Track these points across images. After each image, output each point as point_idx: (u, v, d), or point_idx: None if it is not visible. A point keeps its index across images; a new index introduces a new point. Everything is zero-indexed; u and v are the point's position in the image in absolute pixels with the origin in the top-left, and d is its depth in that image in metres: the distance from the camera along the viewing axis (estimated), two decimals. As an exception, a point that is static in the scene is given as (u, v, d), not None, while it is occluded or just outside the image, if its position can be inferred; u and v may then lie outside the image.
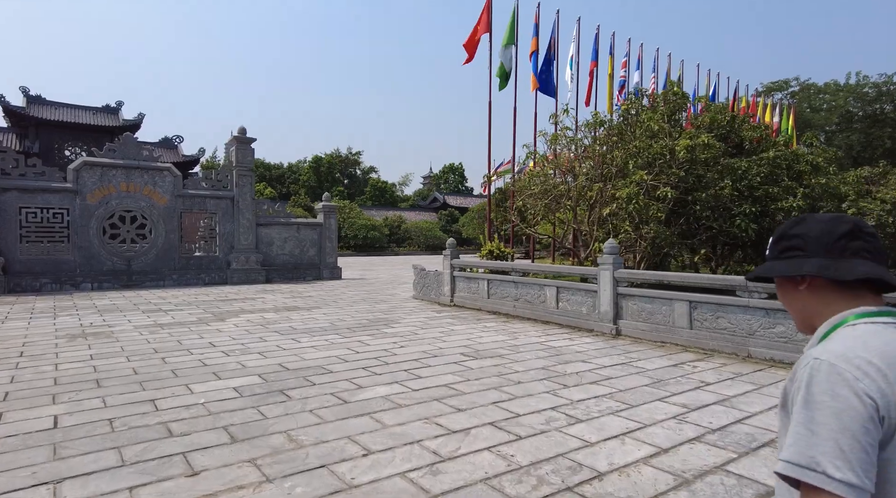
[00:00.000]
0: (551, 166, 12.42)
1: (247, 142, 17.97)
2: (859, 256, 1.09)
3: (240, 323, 9.39)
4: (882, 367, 0.95)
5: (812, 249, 1.12)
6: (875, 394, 0.93)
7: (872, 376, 0.94)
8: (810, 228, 1.14)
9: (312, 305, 12.04)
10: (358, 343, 7.64)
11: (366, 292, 14.87)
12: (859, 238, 1.10)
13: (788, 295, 1.20)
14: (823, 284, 1.12)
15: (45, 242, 14.96)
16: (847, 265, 1.08)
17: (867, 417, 0.91)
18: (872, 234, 1.11)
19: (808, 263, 1.11)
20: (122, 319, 9.80)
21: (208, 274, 17.19)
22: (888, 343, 0.99)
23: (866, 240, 1.10)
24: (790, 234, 1.17)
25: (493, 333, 8.47)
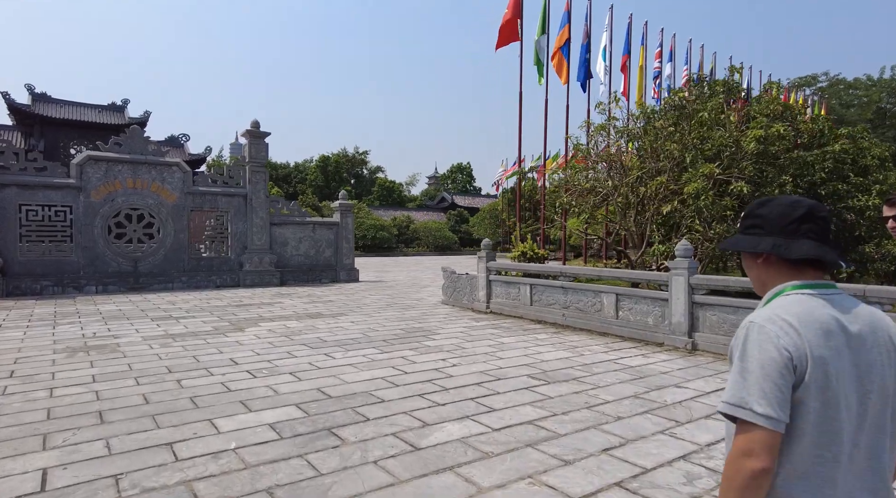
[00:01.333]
0: (600, 160, 11.35)
1: (260, 136, 16.96)
2: (807, 238, 1.28)
3: (261, 334, 8.35)
4: (798, 327, 1.18)
5: (769, 228, 1.32)
6: (791, 347, 1.16)
7: (790, 334, 1.18)
8: (771, 210, 1.33)
9: (336, 311, 10.99)
10: (402, 360, 6.59)
11: (389, 297, 13.83)
12: (810, 221, 1.28)
13: (749, 265, 1.40)
14: (776, 259, 1.32)
15: (46, 242, 13.99)
16: (795, 245, 1.27)
17: (783, 365, 1.15)
18: (823, 218, 1.29)
19: (765, 241, 1.31)
20: (128, 328, 8.78)
21: (219, 276, 16.18)
22: (807, 309, 1.22)
23: (816, 223, 1.28)
24: (755, 213, 1.37)
25: (551, 348, 7.40)
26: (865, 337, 1.22)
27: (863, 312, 1.26)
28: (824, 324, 1.20)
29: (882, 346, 1.24)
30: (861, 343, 1.22)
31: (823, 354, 1.17)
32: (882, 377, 1.22)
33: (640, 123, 11.49)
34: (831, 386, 1.16)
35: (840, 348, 1.19)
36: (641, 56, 18.97)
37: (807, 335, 1.17)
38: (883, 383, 1.22)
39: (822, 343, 1.17)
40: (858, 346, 1.21)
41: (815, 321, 1.19)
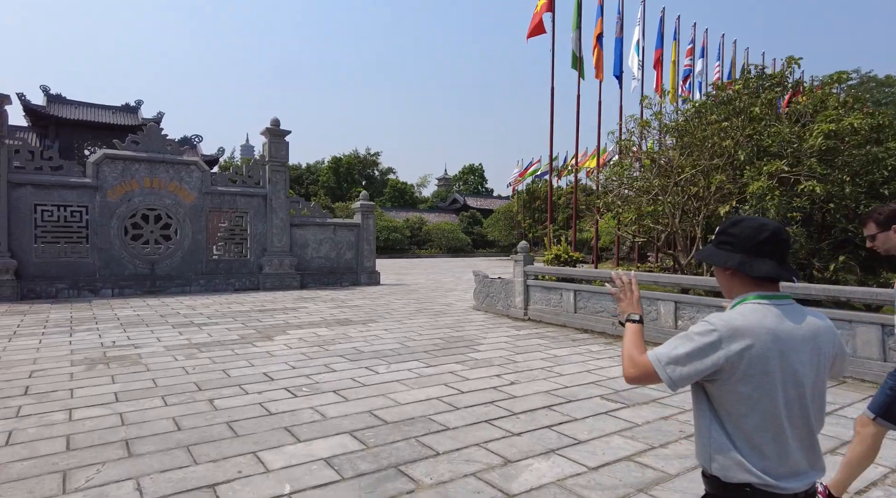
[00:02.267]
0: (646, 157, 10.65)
1: (280, 135, 16.42)
2: (768, 257, 1.53)
3: (291, 343, 7.75)
4: (741, 329, 1.45)
5: (738, 247, 1.56)
6: (723, 340, 1.45)
7: (730, 333, 1.45)
8: (741, 231, 1.57)
9: (365, 317, 10.37)
10: (451, 376, 5.94)
11: (415, 301, 13.20)
12: (772, 244, 1.53)
13: (719, 274, 1.64)
14: (741, 274, 1.56)
15: (61, 243, 13.50)
16: (757, 264, 1.52)
17: (705, 351, 1.45)
18: (784, 241, 1.55)
19: (733, 257, 1.56)
20: (149, 336, 8.21)
21: (238, 279, 15.64)
22: (759, 317, 1.48)
23: (777, 245, 1.54)
24: (727, 231, 1.60)
25: (611, 362, 6.73)
26: (803, 339, 1.49)
27: (804, 319, 1.52)
28: (771, 329, 1.46)
29: (816, 348, 1.50)
30: (799, 344, 1.48)
31: (766, 353, 1.44)
32: (817, 372, 1.50)
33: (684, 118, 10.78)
34: (769, 378, 1.44)
35: (781, 349, 1.45)
36: (674, 52, 18.23)
37: (753, 338, 1.44)
38: (815, 377, 1.50)
39: (766, 344, 1.44)
40: (796, 346, 1.47)
41: (763, 327, 1.45)
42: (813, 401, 1.50)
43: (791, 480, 1.46)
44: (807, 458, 1.49)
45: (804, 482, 1.48)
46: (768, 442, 1.45)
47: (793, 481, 1.46)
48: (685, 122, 10.31)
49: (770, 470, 1.44)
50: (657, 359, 1.50)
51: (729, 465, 1.46)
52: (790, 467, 1.46)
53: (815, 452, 1.52)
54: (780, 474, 1.45)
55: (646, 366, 1.52)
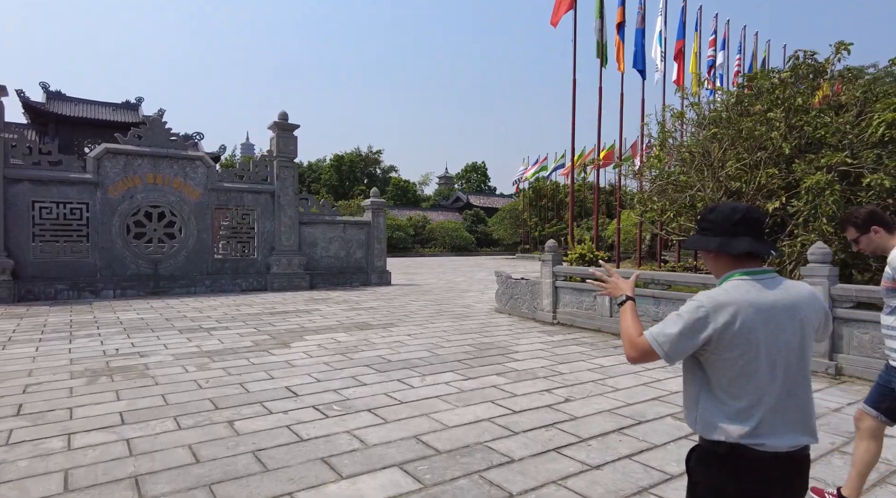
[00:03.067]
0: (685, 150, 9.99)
1: (288, 129, 15.78)
2: (745, 235, 1.68)
3: (311, 350, 7.11)
4: (725, 303, 1.60)
5: (716, 230, 1.72)
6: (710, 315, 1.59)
7: (715, 307, 1.59)
8: (717, 216, 1.73)
9: (384, 320, 9.74)
10: (496, 391, 5.31)
11: (432, 303, 12.57)
12: (745, 223, 1.68)
13: (705, 258, 1.80)
14: (723, 254, 1.72)
15: (61, 242, 12.87)
16: (735, 242, 1.68)
17: (697, 329, 1.59)
18: (756, 219, 1.70)
19: (714, 240, 1.71)
20: (155, 342, 7.58)
21: (245, 279, 15.01)
22: (742, 292, 1.62)
23: (750, 224, 1.69)
24: (706, 218, 1.77)
25: (667, 373, 6.08)
26: (784, 308, 1.63)
27: (785, 290, 1.67)
28: (753, 301, 1.61)
29: (799, 315, 1.65)
30: (780, 313, 1.63)
31: (749, 324, 1.59)
32: (801, 337, 1.65)
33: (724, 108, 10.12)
34: (753, 345, 1.59)
35: (764, 318, 1.61)
36: (696, 43, 17.56)
37: (736, 310, 1.59)
38: (800, 342, 1.64)
39: (749, 315, 1.59)
40: (777, 315, 1.62)
41: (745, 300, 1.61)
42: (799, 365, 1.63)
43: (772, 437, 1.57)
44: (793, 420, 1.60)
45: (789, 443, 1.58)
46: (753, 403, 1.58)
47: (774, 439, 1.57)
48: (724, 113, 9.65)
49: (753, 429, 1.56)
50: (654, 338, 1.64)
51: (714, 423, 1.60)
52: (773, 427, 1.58)
53: (802, 414, 1.63)
54: (762, 433, 1.57)
55: (644, 346, 1.67)
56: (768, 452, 1.56)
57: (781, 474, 1.59)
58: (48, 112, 38.04)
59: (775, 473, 1.58)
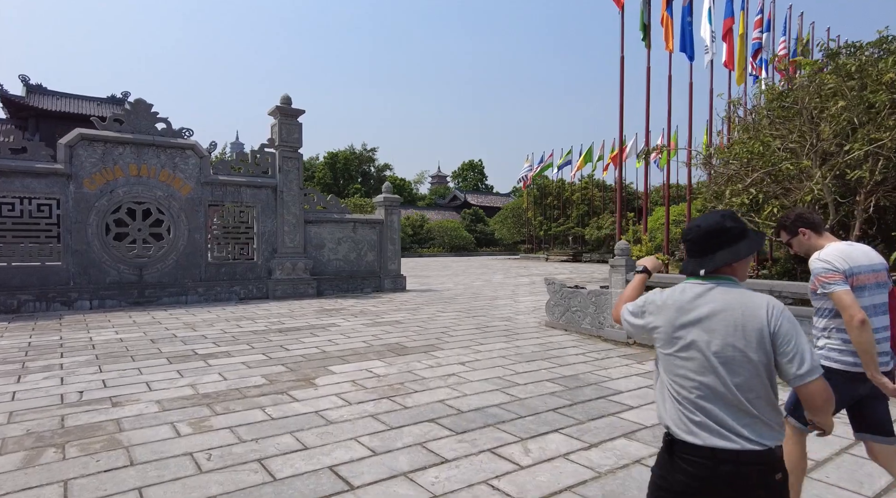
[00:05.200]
0: (775, 133, 8.23)
1: (292, 115, 13.89)
2: (688, 257, 1.84)
3: (345, 391, 5.28)
4: (657, 302, 1.81)
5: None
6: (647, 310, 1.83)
7: (648, 305, 1.83)
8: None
9: (420, 340, 7.92)
10: (645, 468, 3.52)
11: (465, 314, 10.76)
12: (685, 244, 1.83)
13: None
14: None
15: (25, 244, 10.91)
16: (684, 263, 1.85)
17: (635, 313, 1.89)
18: (688, 239, 1.80)
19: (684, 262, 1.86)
20: (135, 379, 5.70)
21: (243, 286, 13.11)
22: (676, 294, 1.77)
23: (686, 245, 1.82)
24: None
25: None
26: (715, 313, 1.68)
27: (723, 297, 1.70)
28: (681, 304, 1.73)
29: (727, 321, 1.66)
30: (708, 315, 1.68)
31: (674, 324, 1.73)
32: (723, 340, 1.65)
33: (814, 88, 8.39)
34: (685, 344, 1.70)
35: (691, 320, 1.70)
36: (742, 23, 15.91)
37: (663, 310, 1.77)
38: (724, 341, 1.65)
39: (672, 316, 1.74)
40: (705, 317, 1.69)
41: (675, 301, 1.75)
42: (732, 369, 1.63)
43: (706, 434, 1.63)
44: (731, 419, 1.62)
45: (726, 442, 1.61)
46: (690, 398, 1.68)
47: (706, 436, 1.63)
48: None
49: (684, 422, 1.67)
50: (624, 312, 1.93)
51: (661, 414, 1.78)
52: (707, 425, 1.63)
53: (743, 416, 1.63)
54: (693, 429, 1.65)
55: (618, 315, 1.98)
56: (704, 448, 1.62)
57: (710, 473, 1.61)
58: (28, 106, 35.89)
59: (705, 470, 1.62)
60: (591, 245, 38.12)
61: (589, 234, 37.69)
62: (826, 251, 2.69)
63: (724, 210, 1.78)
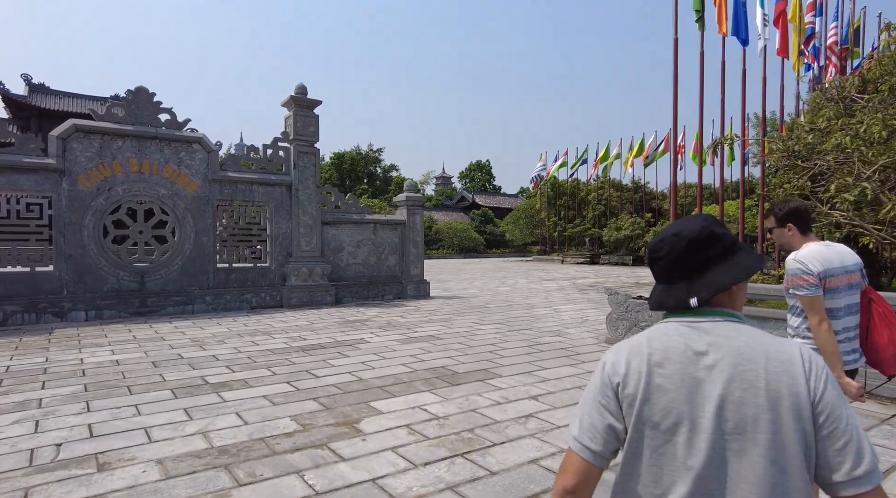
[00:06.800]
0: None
1: (308, 106, 12.69)
2: (659, 282, 1.25)
3: (402, 444, 4.04)
4: (627, 354, 1.17)
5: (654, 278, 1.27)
6: (614, 376, 1.16)
7: (618, 363, 1.16)
8: None
9: (469, 363, 6.66)
10: None
11: (505, 327, 9.52)
12: (653, 265, 1.24)
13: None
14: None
15: (12, 248, 9.73)
16: (651, 293, 1.28)
17: (602, 393, 1.16)
18: (661, 257, 1.21)
19: (651, 292, 1.28)
20: (131, 424, 4.48)
21: (255, 293, 11.90)
22: (653, 337, 1.18)
23: (658, 265, 1.23)
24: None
25: None
26: (724, 369, 1.08)
27: (733, 341, 1.11)
28: (661, 352, 1.14)
29: (745, 379, 1.07)
30: (715, 376, 1.09)
31: (647, 384, 1.12)
32: (742, 415, 1.05)
33: None
34: (650, 418, 1.11)
35: (676, 379, 1.11)
36: (793, 8, 14.65)
37: (633, 363, 1.15)
38: (744, 423, 1.04)
39: (647, 372, 1.13)
40: (709, 379, 1.09)
41: (650, 349, 1.15)
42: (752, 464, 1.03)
43: None
44: None
45: None
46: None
47: None
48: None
49: None
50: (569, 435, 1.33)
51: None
52: None
53: None
54: None
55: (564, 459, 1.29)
56: None
57: None
58: (30, 105, 35.22)
59: None
60: (609, 247, 36.78)
61: (607, 235, 36.36)
62: (803, 252, 2.71)
63: (704, 214, 1.25)
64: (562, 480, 1.16)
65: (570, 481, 1.14)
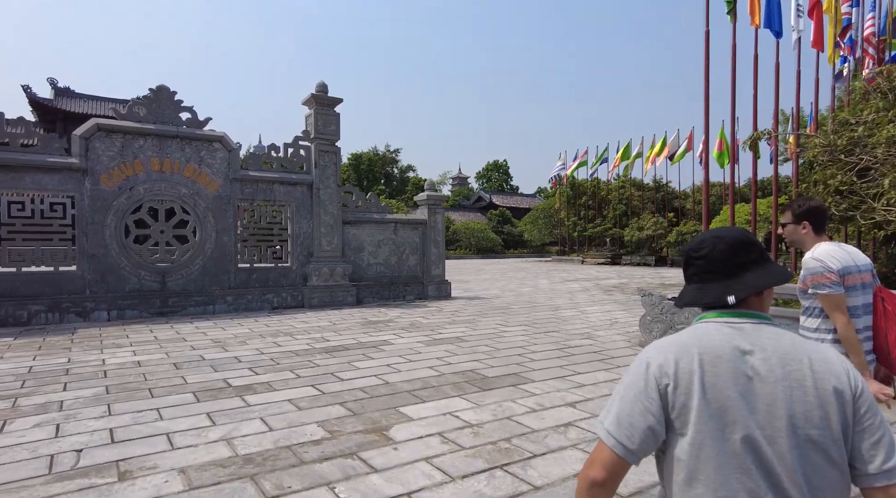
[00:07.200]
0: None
1: (329, 104, 12.55)
2: (693, 282, 1.30)
3: (436, 454, 3.80)
4: (675, 353, 1.16)
5: (685, 278, 1.34)
6: (660, 375, 1.15)
7: (663, 363, 1.16)
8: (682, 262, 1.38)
9: (498, 366, 6.40)
10: None
11: (531, 328, 9.24)
12: (690, 265, 1.30)
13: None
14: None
15: (37, 248, 9.73)
16: (684, 292, 1.31)
17: (644, 392, 1.14)
18: (701, 257, 1.27)
19: (683, 291, 1.33)
20: (152, 429, 4.31)
21: (276, 294, 11.78)
22: (697, 336, 1.19)
23: (695, 265, 1.29)
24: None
25: None
26: (773, 368, 1.13)
27: (776, 342, 1.17)
28: (711, 351, 1.15)
29: (794, 379, 1.12)
30: (764, 375, 1.13)
31: (702, 383, 1.12)
32: (793, 412, 1.09)
33: None
34: (706, 416, 1.11)
35: (729, 378, 1.12)
36: (828, -3, 14.12)
37: (682, 363, 1.15)
38: (795, 419, 1.09)
39: (700, 371, 1.13)
40: (759, 378, 1.13)
41: (700, 349, 1.16)
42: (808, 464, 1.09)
43: None
44: None
45: None
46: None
47: None
48: None
49: None
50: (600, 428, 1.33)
51: None
52: None
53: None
54: None
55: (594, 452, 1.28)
56: None
57: None
58: (56, 109, 35.94)
59: None
60: (630, 247, 36.18)
61: (629, 235, 35.75)
62: (819, 250, 2.70)
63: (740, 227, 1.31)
64: (592, 471, 1.16)
65: (601, 475, 1.14)
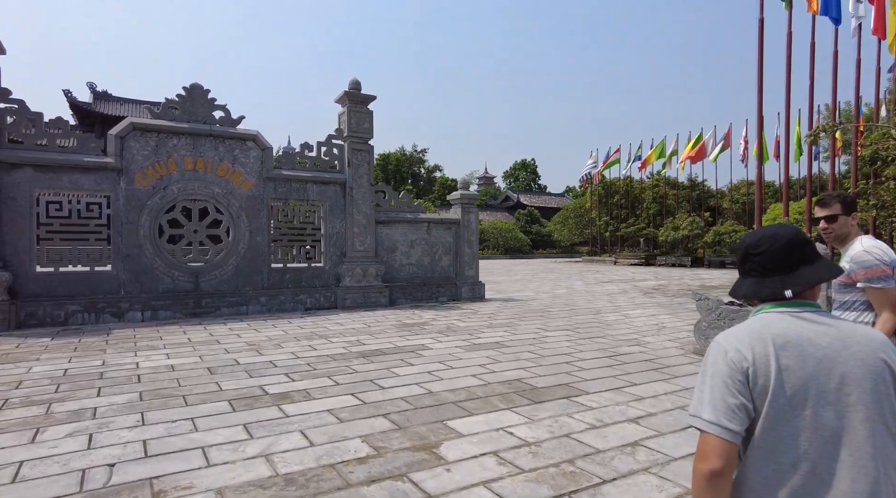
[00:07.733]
0: None
1: (363, 101, 12.31)
2: (750, 276, 1.40)
3: (493, 478, 3.42)
4: (749, 341, 1.26)
5: (741, 272, 1.45)
6: (739, 361, 1.24)
7: (740, 349, 1.25)
8: (737, 257, 1.47)
9: (545, 374, 5.99)
10: None
11: (574, 333, 8.79)
12: (748, 261, 1.41)
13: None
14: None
15: (74, 248, 9.72)
16: (741, 285, 1.42)
17: (731, 377, 1.23)
18: (759, 253, 1.37)
19: (739, 284, 1.44)
20: (187, 441, 4.05)
21: (310, 294, 11.59)
22: (766, 325, 1.29)
23: (753, 260, 1.39)
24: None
25: None
26: (837, 350, 1.23)
27: (834, 327, 1.27)
28: (781, 337, 1.24)
29: (857, 358, 1.23)
30: (831, 356, 1.23)
31: (777, 365, 1.21)
32: (861, 388, 1.21)
33: None
34: (783, 395, 1.20)
35: (799, 360, 1.22)
36: (888, -19, 13.25)
37: (757, 348, 1.24)
38: (863, 394, 1.21)
39: (775, 355, 1.22)
40: (826, 358, 1.23)
41: (771, 335, 1.25)
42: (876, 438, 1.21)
43: None
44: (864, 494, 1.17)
45: None
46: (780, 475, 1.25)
47: None
48: None
49: None
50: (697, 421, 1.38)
51: None
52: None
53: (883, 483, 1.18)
54: None
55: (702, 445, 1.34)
56: None
57: None
58: (94, 112, 36.89)
59: None
60: (665, 247, 35.17)
61: (664, 235, 34.75)
62: (868, 243, 2.66)
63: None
64: (707, 464, 1.19)
65: (718, 464, 1.18)
